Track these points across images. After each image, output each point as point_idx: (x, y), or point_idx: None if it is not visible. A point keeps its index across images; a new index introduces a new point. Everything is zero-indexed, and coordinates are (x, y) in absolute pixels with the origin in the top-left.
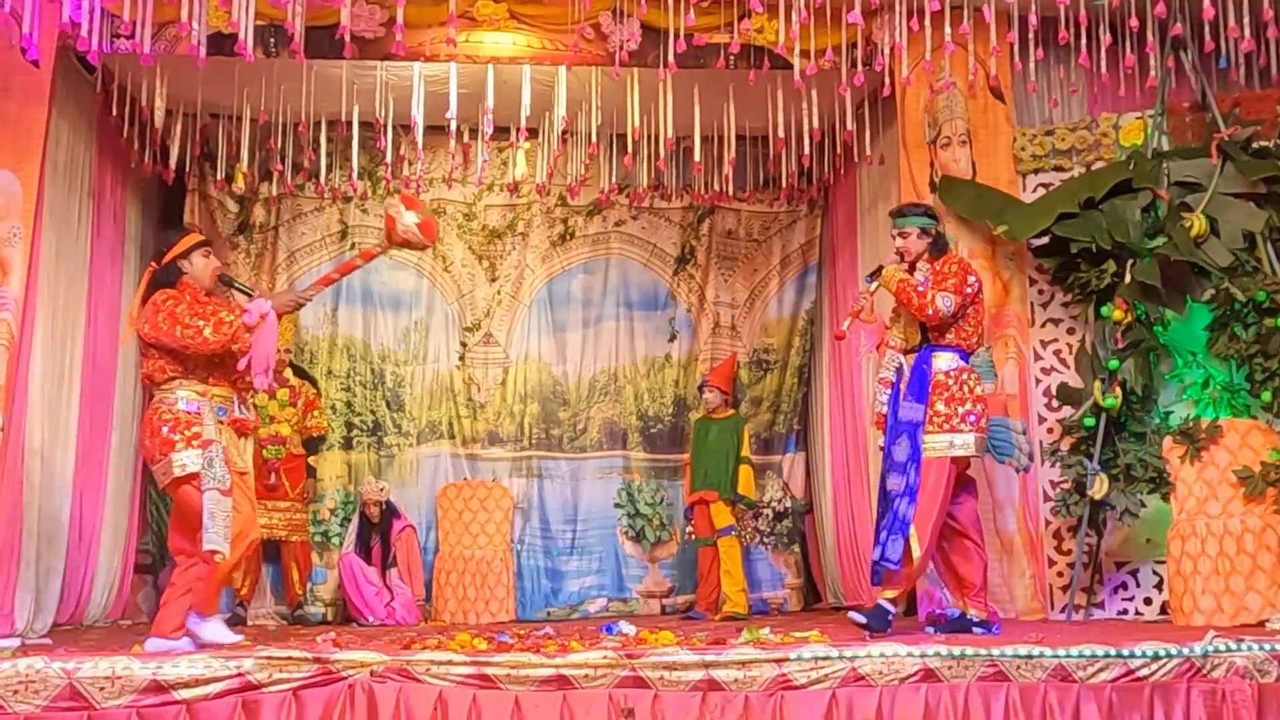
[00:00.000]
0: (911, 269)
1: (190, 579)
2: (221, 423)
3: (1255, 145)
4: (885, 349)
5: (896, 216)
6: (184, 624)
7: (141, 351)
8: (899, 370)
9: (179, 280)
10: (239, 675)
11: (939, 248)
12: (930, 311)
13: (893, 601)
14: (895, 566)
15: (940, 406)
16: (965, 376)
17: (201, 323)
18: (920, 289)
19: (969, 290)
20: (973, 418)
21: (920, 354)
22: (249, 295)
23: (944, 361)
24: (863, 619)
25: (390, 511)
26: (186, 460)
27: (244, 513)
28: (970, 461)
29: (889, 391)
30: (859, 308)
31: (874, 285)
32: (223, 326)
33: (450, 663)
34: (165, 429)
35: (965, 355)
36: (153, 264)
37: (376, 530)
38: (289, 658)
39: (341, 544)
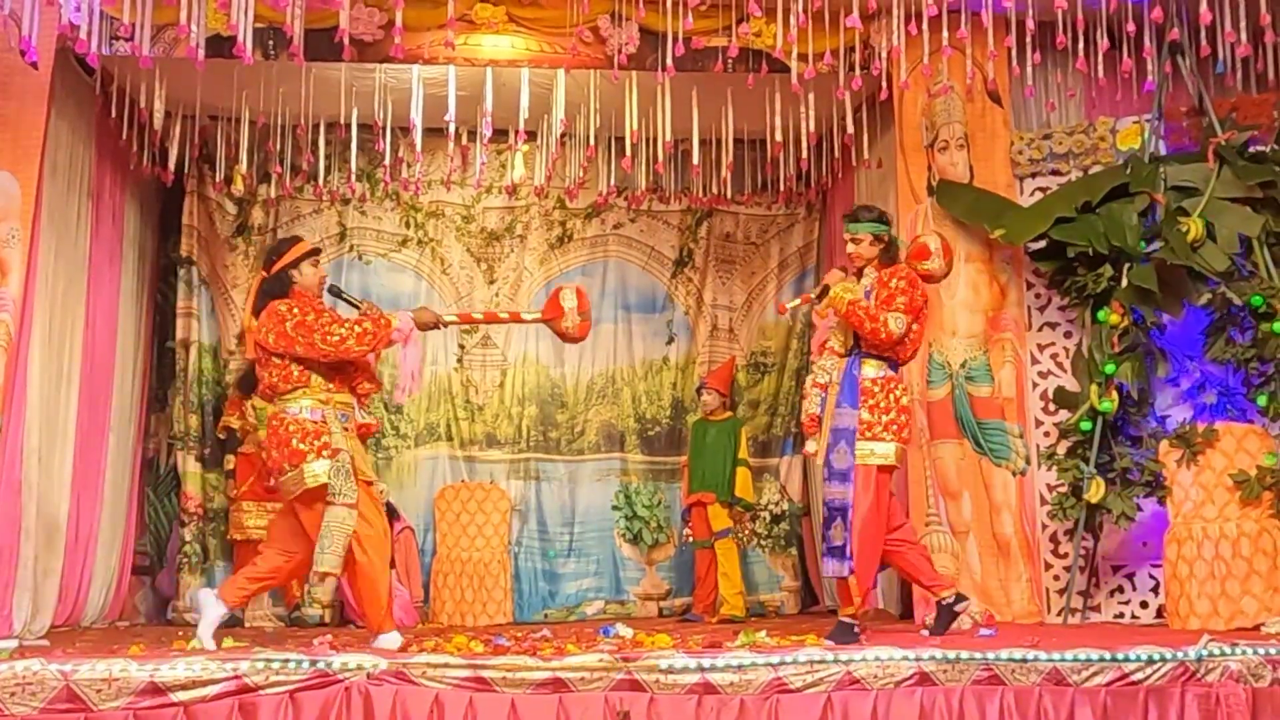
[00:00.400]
0: (859, 274)
1: (268, 571)
2: (346, 429)
3: (1252, 150)
4: (824, 351)
5: (849, 221)
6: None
7: (262, 363)
8: (831, 375)
9: (290, 289)
10: (236, 677)
11: (890, 255)
12: (883, 335)
13: (853, 616)
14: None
15: (865, 414)
16: (893, 386)
17: (344, 331)
18: (871, 311)
19: (918, 306)
20: (895, 427)
21: (851, 360)
22: (355, 306)
23: (872, 369)
24: (830, 640)
25: (390, 513)
26: (318, 470)
27: (377, 529)
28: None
29: (822, 395)
30: (810, 299)
31: (821, 305)
32: (366, 338)
33: (447, 665)
34: (295, 440)
35: (895, 365)
36: (262, 273)
37: None
38: (286, 660)
39: None
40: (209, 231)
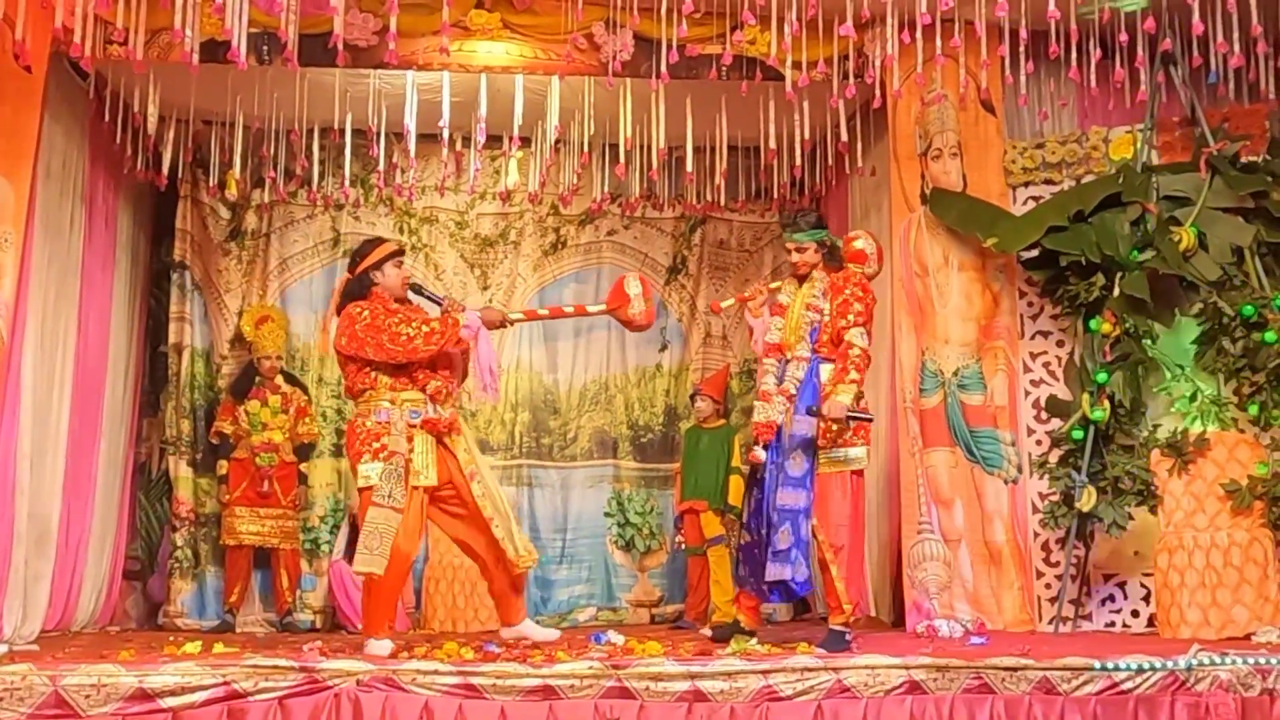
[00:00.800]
0: (801, 280)
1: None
2: (414, 426)
3: (1244, 160)
4: (776, 353)
5: (792, 231)
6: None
7: (341, 365)
8: (779, 381)
9: (370, 291)
10: (225, 684)
11: (834, 257)
12: (859, 352)
13: (845, 624)
14: (805, 590)
15: (823, 422)
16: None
17: (411, 331)
18: (857, 363)
19: (872, 311)
20: (862, 431)
21: (810, 366)
22: (437, 303)
23: (829, 373)
24: (822, 649)
25: None
26: (369, 472)
27: (407, 540)
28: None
29: (786, 402)
30: (751, 298)
31: (825, 417)
32: (434, 337)
33: (436, 672)
34: (357, 441)
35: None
36: (346, 274)
37: None
38: (275, 666)
39: (332, 551)
40: (202, 236)
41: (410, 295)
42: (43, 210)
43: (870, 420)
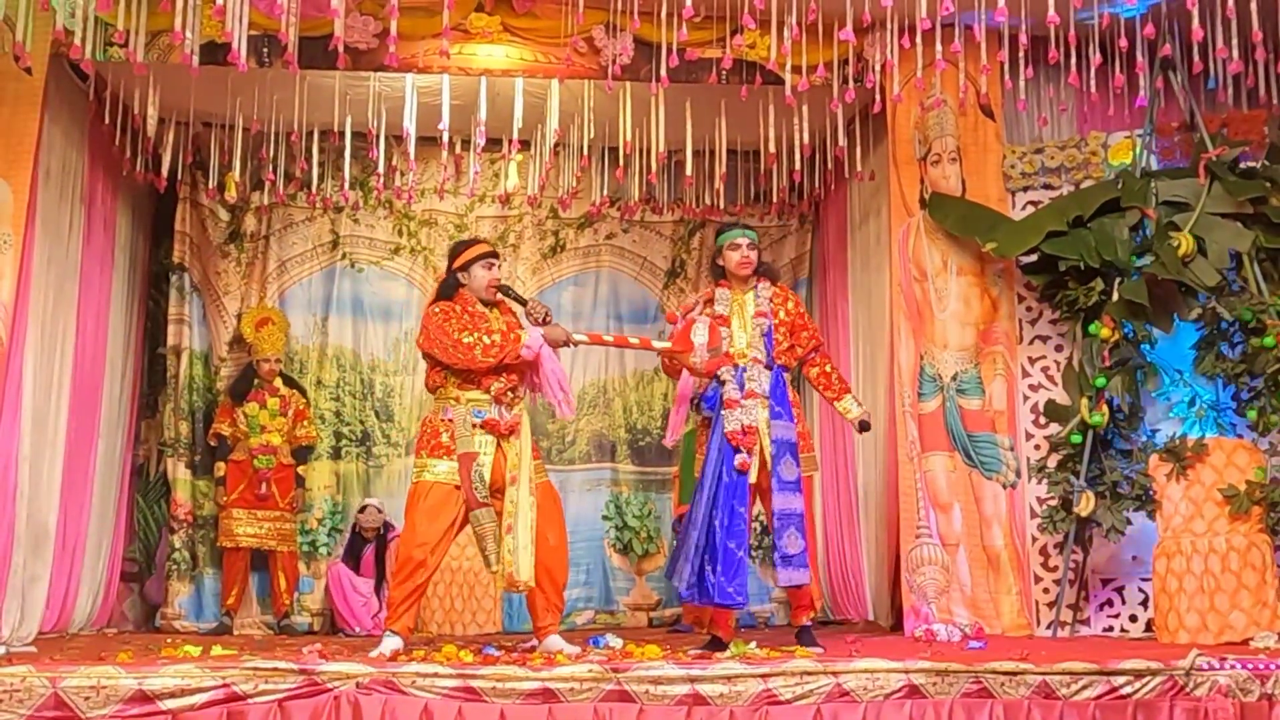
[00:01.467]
0: (730, 284)
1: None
2: (476, 425)
3: (1243, 165)
4: (731, 361)
5: (743, 229)
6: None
7: (426, 360)
8: (740, 387)
9: (458, 291)
10: (224, 686)
11: (769, 269)
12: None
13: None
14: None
15: (797, 426)
16: (795, 395)
17: (471, 340)
18: (840, 377)
19: None
20: (808, 437)
21: (776, 371)
22: (523, 303)
23: (789, 380)
24: (802, 645)
25: (385, 529)
26: (427, 466)
27: (424, 537)
28: None
29: (757, 404)
30: (689, 309)
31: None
32: (491, 350)
33: (436, 675)
34: (425, 435)
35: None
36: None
37: (371, 542)
38: (274, 669)
39: (330, 554)
40: (201, 238)
41: (501, 296)
42: (42, 212)
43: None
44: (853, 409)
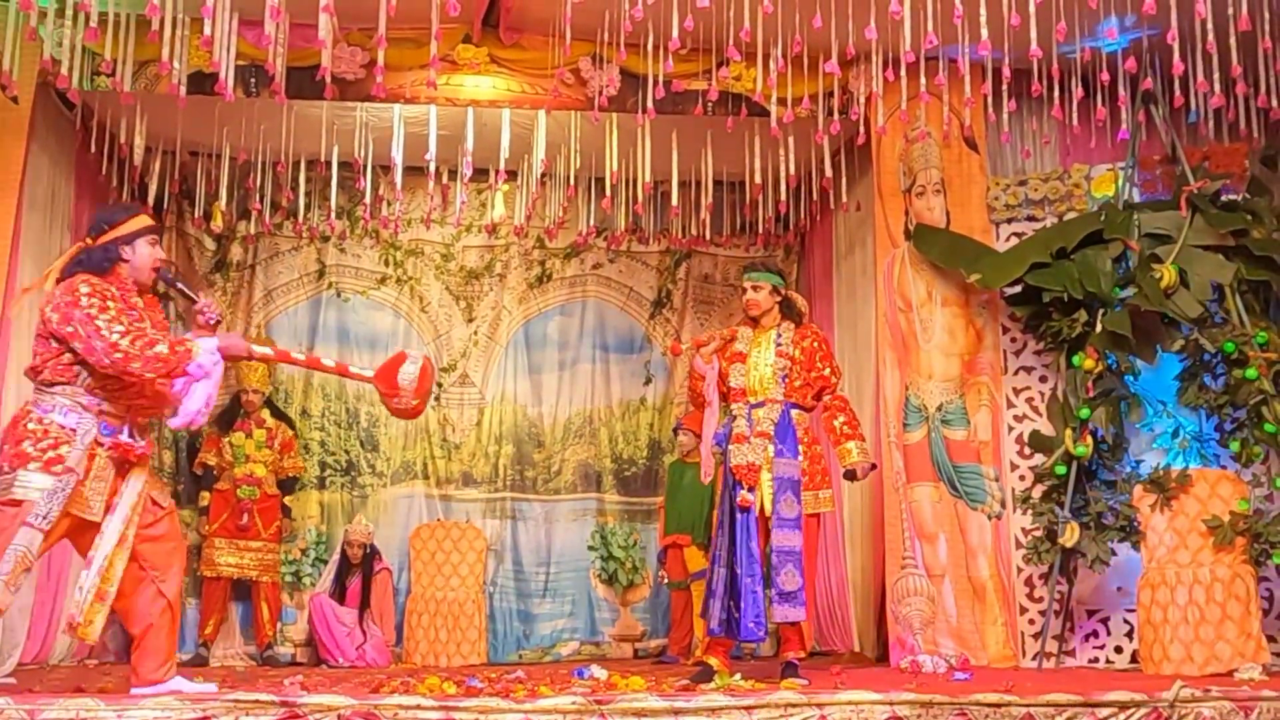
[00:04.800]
0: (755, 324)
1: None
2: (100, 444)
3: (1224, 198)
4: (742, 398)
5: (749, 269)
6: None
7: (38, 335)
8: (750, 424)
9: (113, 267)
10: (205, 718)
11: (792, 311)
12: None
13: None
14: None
15: (806, 464)
16: (813, 436)
17: (127, 344)
18: (856, 418)
19: None
20: (828, 474)
21: (785, 408)
22: (191, 300)
23: (799, 417)
24: (801, 680)
25: (372, 553)
26: (30, 482)
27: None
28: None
29: (766, 444)
30: (705, 343)
31: (857, 467)
32: (156, 364)
33: (419, 707)
34: (28, 442)
35: (807, 413)
36: (86, 241)
37: (357, 570)
38: (256, 700)
39: (314, 584)
40: (187, 267)
41: (160, 286)
42: (28, 239)
43: (875, 468)
44: (850, 455)
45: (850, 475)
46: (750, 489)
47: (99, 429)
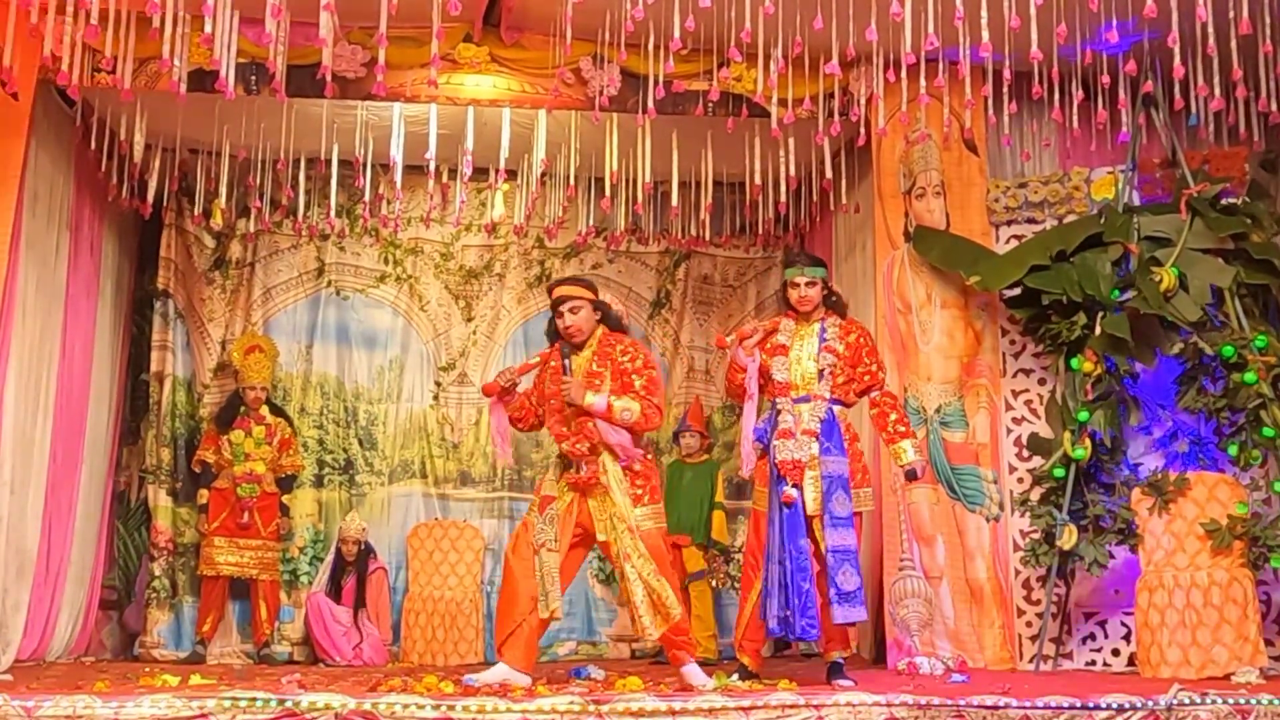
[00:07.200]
0: (805, 319)
1: None
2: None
3: (1224, 202)
4: (786, 392)
5: (803, 264)
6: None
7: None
8: (794, 420)
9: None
10: (202, 716)
11: (835, 303)
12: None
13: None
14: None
15: (850, 462)
16: (853, 431)
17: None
18: (901, 412)
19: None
20: (868, 472)
21: (830, 405)
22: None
23: (844, 417)
24: (850, 682)
25: (367, 552)
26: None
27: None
28: None
29: (813, 441)
30: (749, 335)
31: (905, 470)
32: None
33: (416, 706)
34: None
35: (848, 408)
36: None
37: (352, 569)
38: (252, 699)
39: (311, 582)
40: (186, 265)
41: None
42: (27, 237)
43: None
44: (904, 455)
45: (911, 475)
46: (796, 485)
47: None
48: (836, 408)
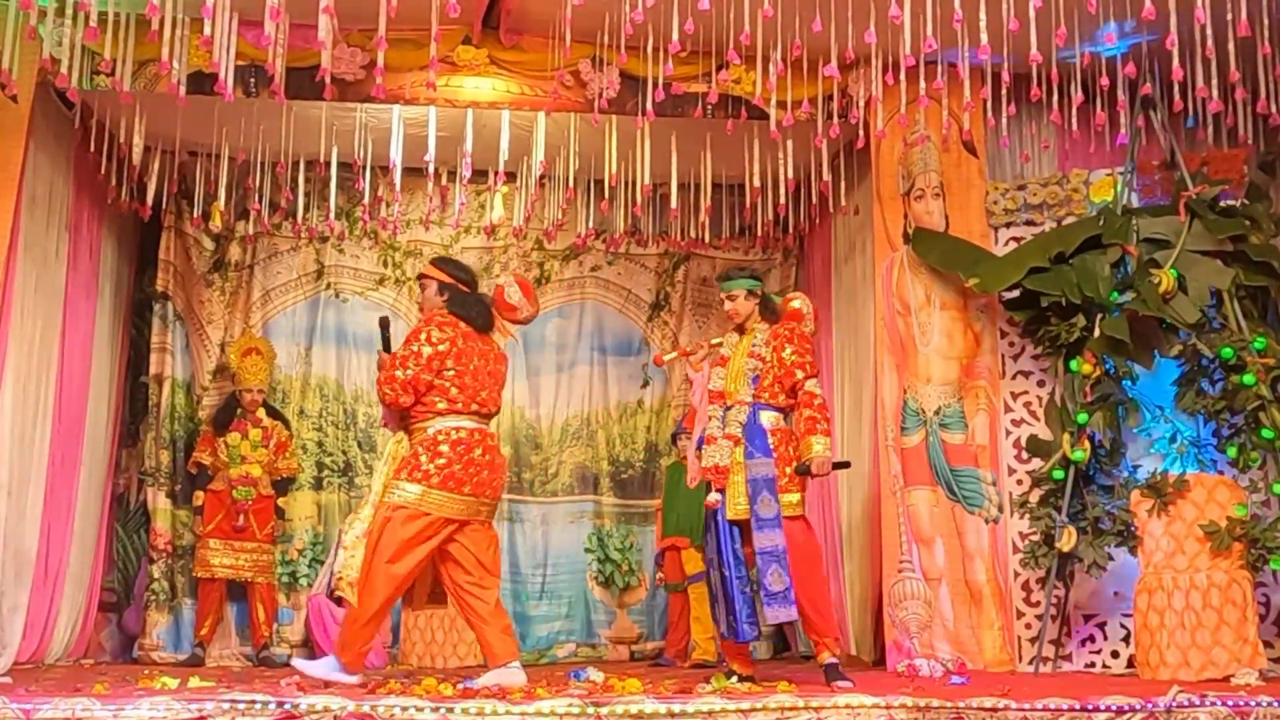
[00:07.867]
0: (740, 330)
1: None
2: None
3: (1223, 204)
4: (717, 400)
5: (723, 280)
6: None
7: None
8: (723, 426)
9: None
10: (201, 718)
11: (770, 310)
12: (819, 404)
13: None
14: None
15: (779, 464)
16: (789, 436)
17: None
18: (824, 412)
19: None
20: (794, 478)
21: (753, 409)
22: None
23: (769, 419)
24: (848, 683)
25: None
26: None
27: None
28: None
29: (732, 445)
30: (693, 352)
31: (822, 471)
32: None
33: (415, 708)
34: None
35: (786, 414)
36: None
37: None
38: (251, 701)
39: (311, 584)
40: (185, 267)
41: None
42: (26, 239)
43: (849, 466)
44: (811, 448)
45: (804, 470)
46: (719, 490)
47: None
48: (764, 412)
